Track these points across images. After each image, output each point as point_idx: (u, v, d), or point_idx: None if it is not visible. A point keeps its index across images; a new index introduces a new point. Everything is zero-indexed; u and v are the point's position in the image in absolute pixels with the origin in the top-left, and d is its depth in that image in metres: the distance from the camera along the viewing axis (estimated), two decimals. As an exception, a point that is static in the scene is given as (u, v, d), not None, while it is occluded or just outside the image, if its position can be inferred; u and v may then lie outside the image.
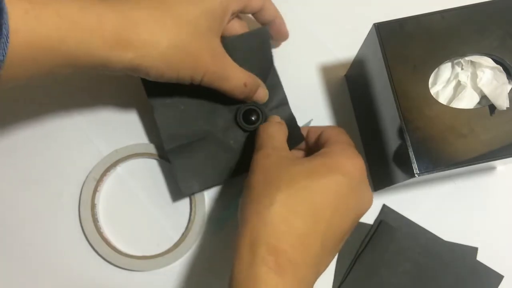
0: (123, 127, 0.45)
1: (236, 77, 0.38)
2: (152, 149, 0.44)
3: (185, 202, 0.44)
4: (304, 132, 0.40)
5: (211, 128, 0.41)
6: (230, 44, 0.40)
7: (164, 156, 0.43)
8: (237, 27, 0.41)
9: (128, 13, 0.32)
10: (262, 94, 0.41)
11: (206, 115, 0.41)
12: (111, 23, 0.31)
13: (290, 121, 0.41)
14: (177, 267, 0.43)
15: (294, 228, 0.29)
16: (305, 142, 0.40)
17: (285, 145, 0.36)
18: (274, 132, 0.36)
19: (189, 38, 0.34)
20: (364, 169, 0.33)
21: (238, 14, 0.40)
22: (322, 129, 0.38)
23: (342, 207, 0.31)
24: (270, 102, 0.42)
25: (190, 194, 0.43)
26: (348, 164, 0.32)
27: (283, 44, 0.46)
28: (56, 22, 0.29)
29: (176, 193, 0.44)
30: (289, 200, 0.30)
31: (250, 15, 0.41)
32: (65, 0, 0.30)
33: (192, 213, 0.43)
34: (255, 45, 0.41)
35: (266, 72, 0.42)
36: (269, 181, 0.31)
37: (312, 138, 0.39)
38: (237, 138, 0.41)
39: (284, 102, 0.42)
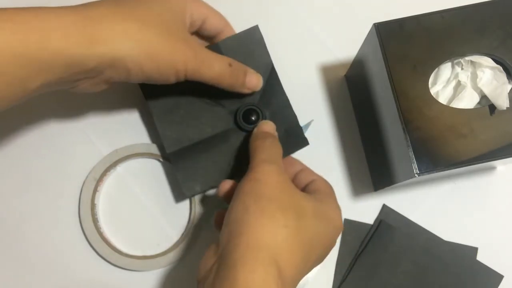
0: (123, 127, 0.45)
1: (219, 60, 0.37)
2: (152, 149, 0.44)
3: (185, 202, 0.44)
4: (297, 167, 0.39)
5: (212, 130, 0.41)
6: (222, 46, 0.40)
7: (165, 157, 0.43)
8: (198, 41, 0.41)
9: (88, 12, 0.31)
10: (254, 79, 0.39)
11: (206, 118, 0.41)
12: (72, 20, 0.30)
13: (293, 125, 0.41)
14: (177, 267, 0.43)
15: (294, 257, 0.30)
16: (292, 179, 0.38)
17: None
18: (278, 148, 0.36)
19: (160, 28, 0.33)
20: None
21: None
22: (314, 178, 0.37)
23: (325, 252, 0.34)
24: (270, 104, 0.42)
25: (192, 196, 0.43)
26: (339, 221, 0.34)
27: (283, 44, 0.46)
28: (11, 28, 0.28)
29: (177, 193, 0.44)
30: (300, 231, 0.31)
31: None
32: (20, 9, 0.29)
33: (192, 213, 0.43)
34: (249, 45, 0.41)
35: (265, 72, 0.42)
36: (283, 201, 0.31)
37: (302, 180, 0.37)
38: (238, 138, 0.41)
39: (286, 105, 0.42)
